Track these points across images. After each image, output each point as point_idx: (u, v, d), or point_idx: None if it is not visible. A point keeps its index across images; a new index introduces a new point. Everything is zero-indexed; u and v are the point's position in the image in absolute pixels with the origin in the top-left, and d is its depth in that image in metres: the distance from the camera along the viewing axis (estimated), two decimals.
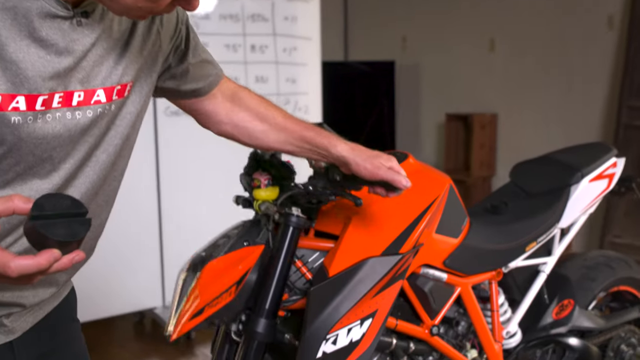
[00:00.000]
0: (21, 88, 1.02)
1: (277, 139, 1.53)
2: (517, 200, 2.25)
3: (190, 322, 1.74)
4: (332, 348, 1.65)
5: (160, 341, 3.77)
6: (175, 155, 3.75)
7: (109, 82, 1.14)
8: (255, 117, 1.52)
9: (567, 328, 2.24)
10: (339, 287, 1.65)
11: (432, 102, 6.80)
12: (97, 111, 1.14)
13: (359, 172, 1.49)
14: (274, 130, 1.53)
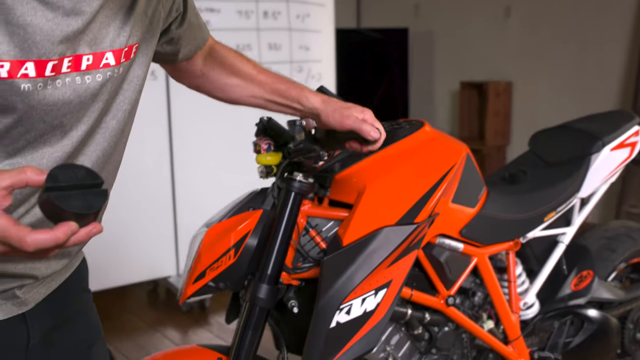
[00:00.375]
0: (30, 53, 0.98)
1: (250, 93, 1.53)
2: (535, 170, 2.20)
3: (193, 286, 1.72)
4: (346, 318, 1.62)
5: (174, 309, 3.78)
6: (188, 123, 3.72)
7: (117, 44, 1.10)
8: (229, 71, 1.52)
9: (585, 299, 2.20)
10: (353, 257, 1.61)
11: (446, 69, 6.71)
12: (107, 75, 1.10)
13: (328, 122, 1.45)
14: (247, 84, 1.53)
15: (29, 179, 0.87)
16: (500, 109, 6.04)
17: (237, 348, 1.63)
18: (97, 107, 1.12)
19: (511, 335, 2.05)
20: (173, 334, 3.51)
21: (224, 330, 3.47)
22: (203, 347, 1.72)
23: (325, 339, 1.60)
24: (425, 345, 1.93)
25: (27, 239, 0.84)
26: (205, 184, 3.81)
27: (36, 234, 0.85)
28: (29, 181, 0.87)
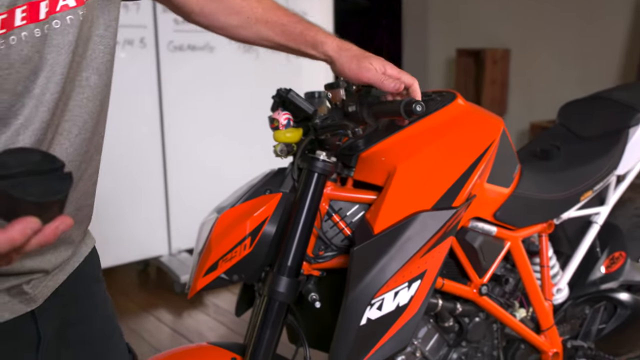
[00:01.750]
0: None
1: (257, 34, 1.42)
2: (568, 144, 2.04)
3: (204, 278, 1.56)
4: (378, 314, 1.46)
5: (166, 290, 3.61)
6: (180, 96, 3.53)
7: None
8: (229, 9, 1.39)
9: (618, 283, 2.07)
10: (386, 246, 1.45)
11: (441, 36, 6.52)
12: (67, 20, 0.92)
13: (342, 72, 1.33)
14: (251, 25, 1.41)
15: None
16: (498, 77, 5.88)
17: (255, 347, 1.47)
18: (65, 61, 0.94)
19: (544, 324, 1.91)
20: (166, 316, 3.35)
21: (221, 312, 3.32)
22: (214, 345, 1.56)
23: (355, 337, 1.44)
24: (455, 338, 1.79)
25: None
26: (197, 159, 3.63)
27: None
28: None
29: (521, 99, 5.89)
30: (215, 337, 3.09)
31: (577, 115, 2.14)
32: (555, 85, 5.54)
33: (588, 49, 5.26)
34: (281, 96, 1.54)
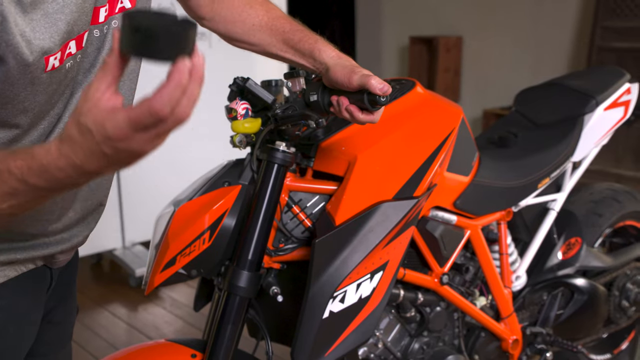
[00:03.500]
0: (72, 34, 0.96)
1: (258, 41, 1.44)
2: (524, 132, 2.05)
3: (162, 274, 1.51)
4: (340, 307, 1.44)
5: (121, 284, 3.55)
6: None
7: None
8: (237, 18, 1.43)
9: (574, 268, 2.09)
10: (348, 238, 1.43)
11: (394, 24, 6.52)
12: (112, 23, 1.07)
13: (334, 78, 1.29)
14: (255, 32, 1.43)
15: (112, 63, 0.76)
16: (451, 65, 5.91)
17: (215, 343, 1.43)
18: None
19: (504, 312, 1.92)
20: (121, 311, 3.29)
21: (178, 306, 3.26)
22: (173, 342, 1.52)
23: (318, 331, 1.43)
24: (416, 328, 1.78)
25: (155, 104, 0.73)
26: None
27: (156, 92, 0.73)
28: (114, 64, 0.76)
29: (474, 86, 5.93)
30: (172, 331, 3.04)
31: (533, 102, 2.15)
32: (508, 73, 5.59)
33: (539, 36, 5.32)
34: (239, 85, 1.50)
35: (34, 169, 0.81)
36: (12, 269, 1.14)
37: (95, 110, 0.76)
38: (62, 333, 1.41)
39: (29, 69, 0.91)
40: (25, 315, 1.19)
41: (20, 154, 0.83)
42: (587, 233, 2.16)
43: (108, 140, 0.76)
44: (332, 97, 1.32)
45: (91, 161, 0.79)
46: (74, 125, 0.78)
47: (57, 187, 0.85)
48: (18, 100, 0.95)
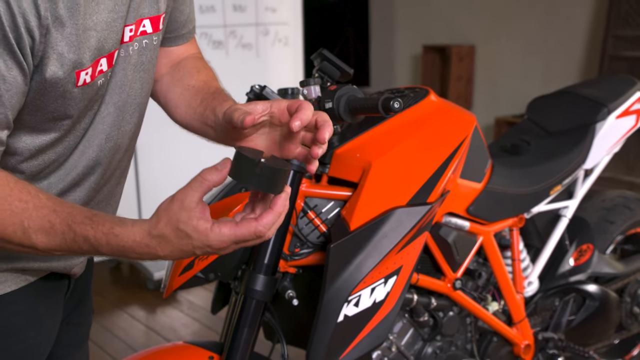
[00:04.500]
0: (102, 51, 0.98)
1: (181, 118, 1.28)
2: (537, 139, 2.04)
3: (180, 277, 1.53)
4: (355, 310, 1.44)
5: (139, 287, 3.56)
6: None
7: (154, 10, 1.10)
8: (180, 101, 1.26)
9: (586, 275, 2.07)
10: (362, 243, 1.43)
11: (408, 33, 6.52)
12: (143, 43, 1.11)
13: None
14: (182, 94, 1.28)
15: (213, 182, 0.87)
16: (463, 74, 5.90)
17: (232, 346, 1.43)
18: (140, 75, 1.14)
19: (516, 317, 1.91)
20: (140, 313, 3.30)
21: (195, 309, 3.27)
22: (191, 344, 1.52)
23: (332, 334, 1.43)
24: (429, 332, 1.78)
25: (260, 228, 0.87)
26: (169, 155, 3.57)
27: (262, 218, 0.87)
28: (213, 184, 0.88)
29: (486, 94, 5.92)
30: (189, 333, 3.05)
31: (545, 110, 2.14)
32: (519, 81, 5.58)
33: (551, 44, 5.30)
34: (256, 93, 1.50)
35: (112, 245, 0.90)
36: (31, 275, 1.16)
37: (195, 221, 0.87)
38: (80, 334, 1.42)
39: (60, 82, 0.93)
40: (44, 319, 1.20)
41: (100, 226, 0.90)
42: (598, 240, 2.14)
43: (208, 247, 0.88)
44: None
45: (174, 255, 0.90)
46: (170, 228, 0.87)
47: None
48: (48, 110, 0.97)
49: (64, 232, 0.90)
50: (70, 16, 0.91)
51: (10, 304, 1.12)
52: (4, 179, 0.92)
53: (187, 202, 0.87)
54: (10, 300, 1.12)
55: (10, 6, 0.83)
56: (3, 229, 0.91)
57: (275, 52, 3.85)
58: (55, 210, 0.91)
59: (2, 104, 0.89)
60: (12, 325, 1.14)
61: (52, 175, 1.08)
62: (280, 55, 3.88)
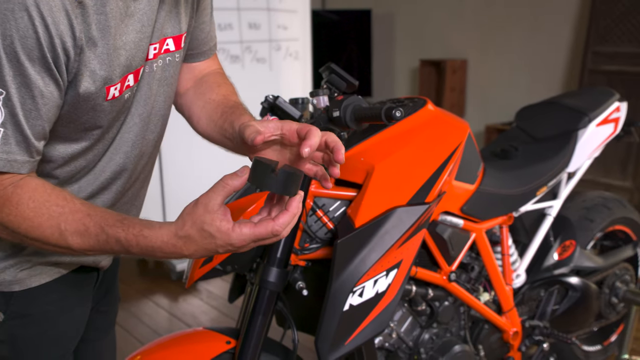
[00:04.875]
0: (130, 68, 0.99)
1: (202, 130, 1.27)
2: (524, 145, 2.03)
3: (201, 269, 1.52)
4: (359, 300, 1.43)
5: (163, 278, 3.55)
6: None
7: (177, 30, 1.10)
8: (201, 114, 1.26)
9: (569, 268, 2.06)
10: (366, 239, 1.42)
11: (406, 48, 6.50)
12: (167, 60, 1.11)
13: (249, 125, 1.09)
14: (205, 105, 1.27)
15: (233, 186, 0.88)
16: (456, 85, 5.87)
17: (247, 332, 1.42)
18: (161, 90, 1.13)
19: (505, 306, 1.89)
20: (163, 301, 3.29)
21: (213, 297, 3.27)
22: (210, 329, 1.52)
23: (339, 322, 1.41)
24: (426, 320, 1.76)
25: (277, 227, 0.88)
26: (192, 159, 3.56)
27: (279, 218, 0.88)
28: (234, 188, 0.88)
29: (477, 104, 5.89)
30: (208, 320, 3.04)
31: (532, 118, 2.12)
32: (507, 92, 5.55)
33: (536, 58, 5.27)
34: (269, 102, 1.50)
35: (142, 246, 0.90)
36: (64, 268, 1.16)
37: (218, 222, 0.87)
38: (108, 320, 1.42)
39: (92, 96, 0.94)
40: (75, 308, 1.21)
41: (131, 228, 0.90)
42: (580, 236, 2.12)
43: (230, 245, 0.89)
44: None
45: (198, 253, 0.91)
46: (195, 229, 0.88)
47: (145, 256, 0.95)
48: (80, 122, 0.97)
49: (97, 234, 0.91)
50: (102, 37, 0.91)
51: (45, 295, 1.13)
52: (41, 186, 0.92)
53: (211, 205, 0.87)
54: (44, 291, 1.12)
55: (49, 29, 0.84)
56: (42, 231, 0.91)
57: (287, 66, 3.84)
58: (89, 214, 0.91)
59: (40, 117, 0.89)
60: (46, 313, 1.14)
61: (82, 180, 1.08)
62: (291, 68, 3.87)
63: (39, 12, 0.82)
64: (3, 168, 0.88)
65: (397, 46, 6.61)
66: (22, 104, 0.86)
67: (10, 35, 0.82)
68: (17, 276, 1.08)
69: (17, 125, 0.87)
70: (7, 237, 0.96)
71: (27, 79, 0.85)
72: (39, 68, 0.85)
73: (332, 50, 6.66)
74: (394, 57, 6.64)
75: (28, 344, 1.13)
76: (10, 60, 0.83)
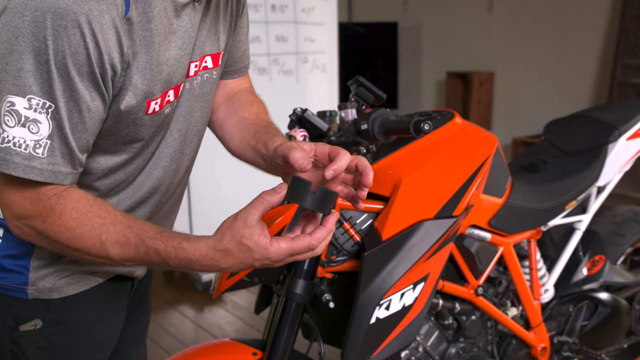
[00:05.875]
0: (170, 83, 1.01)
1: (235, 148, 1.27)
2: (553, 159, 2.01)
3: (228, 281, 1.53)
4: (386, 313, 1.43)
5: (188, 288, 3.57)
6: None
7: (215, 48, 1.12)
8: (234, 132, 1.26)
9: (598, 283, 2.02)
10: (393, 252, 1.42)
11: (432, 61, 6.50)
12: (204, 77, 1.12)
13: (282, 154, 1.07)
14: (238, 129, 1.28)
15: (271, 202, 0.91)
16: (483, 98, 5.85)
17: (274, 344, 1.43)
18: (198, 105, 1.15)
19: (533, 322, 1.87)
20: (189, 311, 3.31)
21: (239, 308, 3.28)
22: (237, 341, 1.52)
23: (365, 335, 1.41)
24: (453, 334, 1.75)
25: (313, 242, 0.90)
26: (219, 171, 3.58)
27: (315, 234, 0.91)
28: (272, 204, 0.91)
29: (504, 117, 5.86)
30: (234, 331, 3.05)
31: (560, 132, 2.10)
32: (535, 105, 5.51)
33: (564, 71, 5.23)
34: (297, 115, 1.51)
35: (180, 258, 0.92)
36: (100, 277, 1.18)
37: (257, 236, 0.89)
38: (139, 330, 1.43)
39: (133, 109, 0.96)
40: (111, 316, 1.23)
41: (170, 240, 0.92)
42: (610, 251, 2.09)
43: (267, 259, 0.91)
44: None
45: (234, 267, 0.92)
46: (234, 243, 0.90)
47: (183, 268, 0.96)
48: (121, 135, 1.00)
49: (137, 245, 0.93)
50: (145, 52, 0.93)
51: (83, 302, 1.15)
52: (84, 197, 0.95)
53: (250, 220, 0.89)
54: (82, 299, 1.14)
55: (99, 45, 0.86)
56: (83, 242, 0.93)
57: (314, 78, 3.86)
58: (129, 225, 0.93)
59: (86, 130, 0.91)
60: (84, 321, 1.16)
61: (121, 193, 1.10)
62: (317, 80, 3.89)
63: (90, 29, 0.85)
64: (48, 179, 0.90)
65: (423, 58, 6.61)
66: (70, 117, 0.89)
67: (63, 51, 0.84)
68: (56, 284, 1.10)
69: (63, 138, 0.89)
70: (48, 246, 0.98)
71: (76, 93, 0.87)
72: (87, 83, 0.88)
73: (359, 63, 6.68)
74: (421, 69, 6.64)
75: (65, 352, 1.15)
76: (61, 75, 0.85)
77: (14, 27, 0.84)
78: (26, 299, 1.09)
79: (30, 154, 0.88)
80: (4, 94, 0.86)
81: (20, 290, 1.09)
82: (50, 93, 0.86)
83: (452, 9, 6.11)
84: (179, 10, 0.99)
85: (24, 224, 0.94)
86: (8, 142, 0.87)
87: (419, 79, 6.67)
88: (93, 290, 1.16)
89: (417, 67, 6.67)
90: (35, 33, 0.83)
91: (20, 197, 0.92)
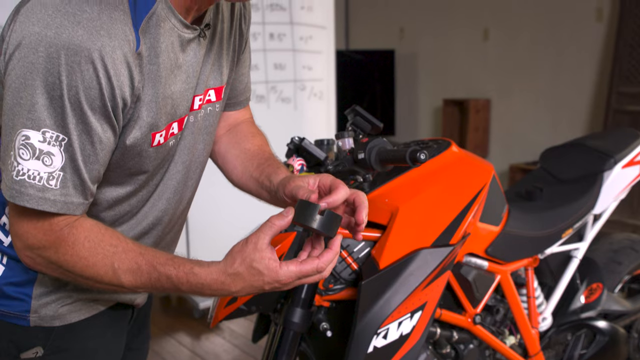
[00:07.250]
0: (175, 116, 1.03)
1: (237, 179, 1.30)
2: (549, 187, 2.02)
3: (225, 309, 1.53)
4: (383, 342, 1.43)
5: (185, 316, 3.55)
6: None
7: (218, 82, 1.14)
8: (237, 163, 1.29)
9: (596, 312, 2.02)
10: (391, 280, 1.42)
11: (429, 88, 6.55)
12: (207, 109, 1.14)
13: (286, 183, 1.12)
14: (240, 161, 1.30)
15: (280, 226, 0.93)
16: (480, 125, 5.89)
17: None
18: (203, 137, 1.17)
19: (532, 350, 1.87)
20: (186, 339, 3.29)
21: (236, 336, 3.26)
22: None
23: None
24: None
25: (321, 264, 0.93)
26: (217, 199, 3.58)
27: (323, 256, 0.94)
28: (280, 228, 0.93)
29: (501, 144, 5.89)
30: (231, 359, 3.03)
31: (556, 160, 2.12)
32: (531, 132, 5.55)
33: (560, 99, 5.28)
34: (295, 144, 1.52)
35: (192, 283, 0.94)
36: (101, 304, 1.18)
37: (267, 260, 0.91)
38: (139, 358, 1.43)
39: (138, 141, 0.98)
40: (111, 343, 1.23)
41: (182, 266, 0.94)
42: (607, 279, 2.10)
43: (277, 282, 0.93)
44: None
45: (244, 290, 0.94)
46: (245, 267, 0.92)
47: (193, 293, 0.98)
48: (126, 167, 1.01)
49: (149, 272, 0.94)
50: (152, 85, 0.95)
51: (84, 330, 1.15)
52: (96, 226, 0.96)
53: (260, 244, 0.92)
54: (84, 327, 1.15)
55: (111, 80, 0.88)
56: (96, 270, 0.95)
57: (311, 105, 3.89)
58: (141, 253, 0.95)
59: (97, 162, 0.93)
60: (85, 349, 1.17)
61: (125, 225, 1.11)
62: (315, 107, 3.92)
63: (103, 64, 0.87)
64: (61, 210, 0.91)
65: (420, 86, 6.67)
66: (82, 149, 0.90)
67: (76, 85, 0.86)
68: (58, 311, 1.11)
69: (75, 170, 0.91)
70: (60, 275, 0.99)
71: (88, 126, 0.89)
72: (99, 116, 0.90)
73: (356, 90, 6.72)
74: (418, 97, 6.69)
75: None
76: (74, 109, 0.87)
77: (28, 62, 0.85)
78: (28, 326, 1.09)
79: (43, 186, 0.89)
80: (18, 128, 0.87)
81: (22, 318, 1.09)
82: (64, 126, 0.88)
83: (449, 36, 6.17)
84: (185, 45, 1.01)
85: (37, 254, 0.96)
86: (23, 175, 0.88)
87: (416, 105, 6.71)
88: (94, 317, 1.17)
89: (414, 94, 6.72)
90: (50, 68, 0.85)
91: (33, 228, 0.93)
